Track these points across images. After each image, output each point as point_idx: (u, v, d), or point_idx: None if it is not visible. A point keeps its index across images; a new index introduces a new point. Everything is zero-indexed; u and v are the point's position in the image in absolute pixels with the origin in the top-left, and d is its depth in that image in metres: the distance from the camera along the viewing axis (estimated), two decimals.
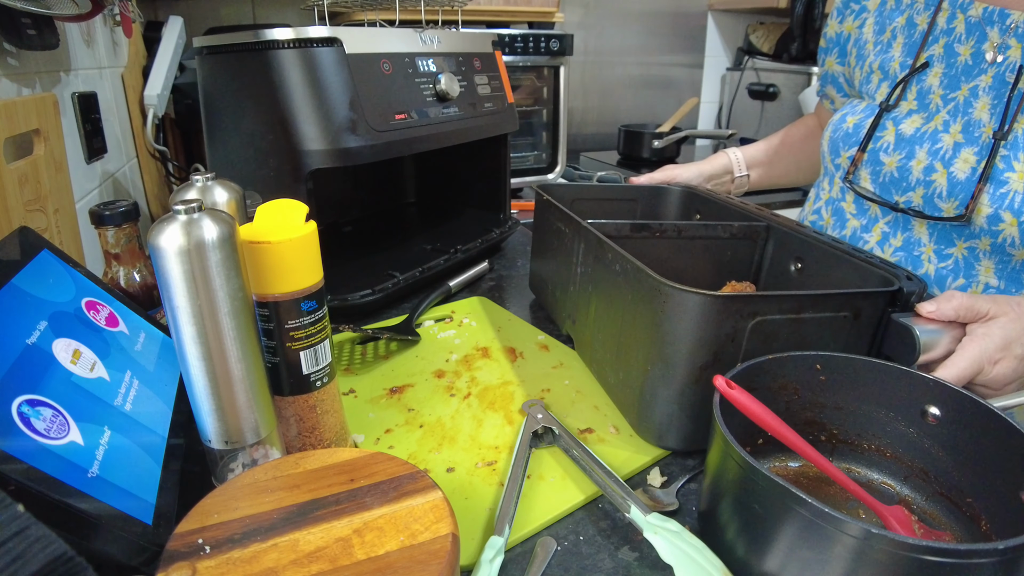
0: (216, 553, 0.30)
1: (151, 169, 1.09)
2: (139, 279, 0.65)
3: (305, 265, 0.43)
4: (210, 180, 0.48)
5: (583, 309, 0.65)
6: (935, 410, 0.45)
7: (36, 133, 0.63)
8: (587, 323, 0.64)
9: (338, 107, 0.70)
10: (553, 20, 1.61)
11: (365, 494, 0.34)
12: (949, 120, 0.68)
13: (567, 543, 0.44)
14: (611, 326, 0.58)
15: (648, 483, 0.50)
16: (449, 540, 0.31)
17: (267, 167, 0.73)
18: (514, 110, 0.99)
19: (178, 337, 0.37)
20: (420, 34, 0.83)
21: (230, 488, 0.35)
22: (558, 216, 0.71)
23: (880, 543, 0.32)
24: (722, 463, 0.40)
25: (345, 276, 0.82)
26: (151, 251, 0.36)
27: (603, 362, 0.61)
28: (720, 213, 0.80)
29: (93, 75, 0.88)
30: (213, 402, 0.39)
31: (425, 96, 0.81)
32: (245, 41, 0.71)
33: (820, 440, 0.51)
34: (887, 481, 0.49)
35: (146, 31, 1.18)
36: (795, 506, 0.34)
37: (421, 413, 0.59)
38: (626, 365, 0.55)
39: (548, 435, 0.54)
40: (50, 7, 0.62)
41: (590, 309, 0.63)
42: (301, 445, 0.47)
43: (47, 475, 0.32)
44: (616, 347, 0.57)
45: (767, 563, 0.37)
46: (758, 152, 1.00)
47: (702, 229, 0.71)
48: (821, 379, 0.49)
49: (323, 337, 0.46)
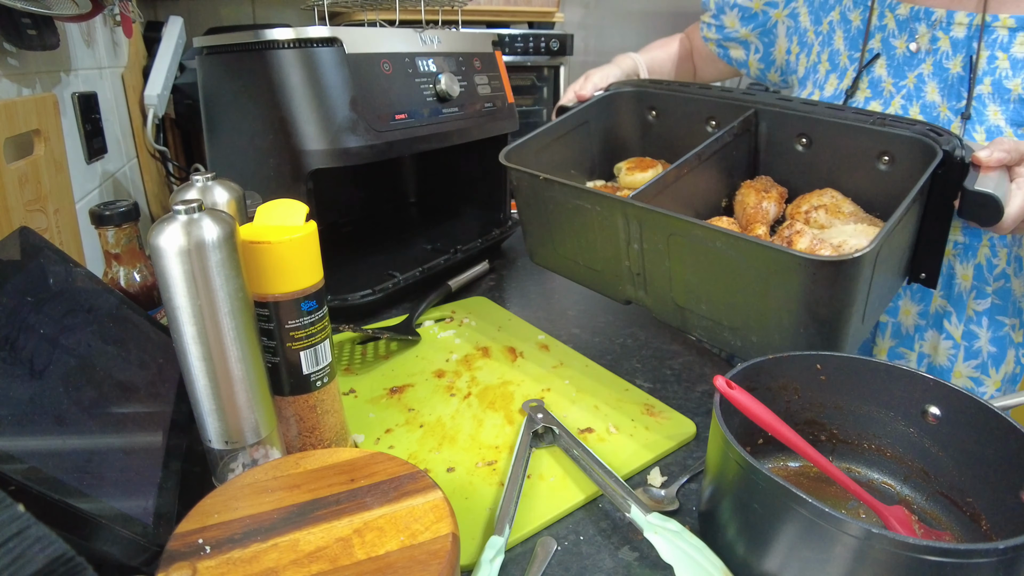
0: (216, 553, 0.30)
1: (151, 169, 1.09)
2: (139, 279, 0.65)
3: (305, 265, 0.43)
4: (210, 180, 0.48)
5: (659, 280, 0.60)
6: (935, 410, 0.45)
7: (36, 133, 0.63)
8: (671, 291, 0.59)
9: (338, 107, 0.70)
10: (553, 20, 1.61)
11: (365, 494, 0.34)
12: (907, 104, 0.72)
13: (567, 543, 0.44)
14: (725, 295, 0.54)
15: (648, 483, 0.50)
16: (449, 540, 0.31)
17: (267, 167, 0.73)
18: (514, 110, 0.99)
19: (178, 337, 0.38)
20: (420, 34, 0.83)
21: (230, 488, 0.35)
22: (569, 194, 0.63)
23: (880, 543, 0.32)
24: (722, 463, 0.40)
25: (345, 276, 0.82)
26: (151, 251, 0.36)
27: (718, 328, 0.57)
28: (682, 107, 0.76)
29: (93, 75, 0.88)
30: (213, 402, 0.39)
31: (425, 96, 0.81)
32: (245, 41, 0.71)
33: (820, 440, 0.51)
34: (887, 481, 0.49)
35: (146, 31, 1.18)
36: (795, 506, 0.34)
37: (421, 413, 0.59)
38: (763, 329, 0.53)
39: (548, 435, 0.54)
40: (50, 7, 0.62)
41: (673, 279, 0.59)
42: (301, 445, 0.47)
43: (47, 475, 0.32)
44: (744, 315, 0.54)
45: (767, 563, 0.37)
46: (657, 61, 1.00)
47: (715, 144, 0.67)
48: (821, 379, 0.49)
49: (323, 337, 0.46)
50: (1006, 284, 0.71)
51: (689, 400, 0.62)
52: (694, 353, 0.71)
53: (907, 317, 0.74)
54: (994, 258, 0.70)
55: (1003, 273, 0.71)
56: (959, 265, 0.71)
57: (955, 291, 0.72)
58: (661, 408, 0.59)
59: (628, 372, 0.66)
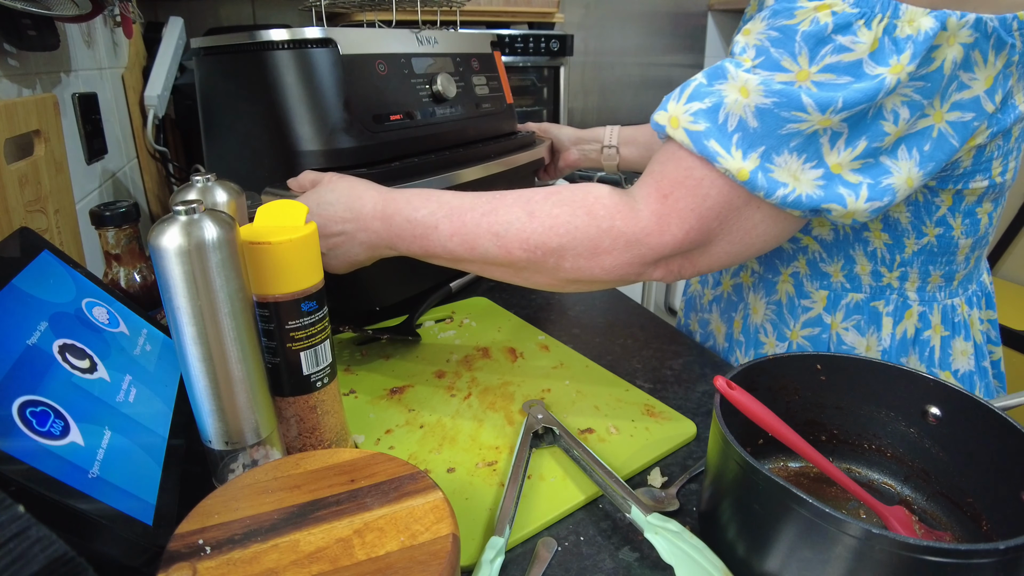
0: (217, 554, 0.30)
1: (151, 170, 1.09)
2: (139, 280, 0.65)
3: (305, 265, 0.43)
4: (210, 181, 0.48)
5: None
6: (935, 410, 0.45)
7: (36, 134, 0.63)
8: None
9: (332, 108, 0.70)
10: (553, 20, 1.61)
11: (365, 494, 0.34)
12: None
13: (568, 543, 0.44)
14: None
15: (648, 483, 0.50)
16: (450, 540, 0.31)
17: (263, 168, 0.73)
18: (513, 111, 0.99)
19: (178, 338, 0.38)
20: (417, 35, 0.83)
21: (230, 489, 0.35)
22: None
23: (881, 543, 0.32)
24: (722, 463, 0.40)
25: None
26: (152, 252, 0.36)
27: None
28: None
29: (93, 76, 0.88)
30: (213, 403, 0.39)
31: (421, 97, 0.81)
32: (240, 42, 0.71)
33: (820, 440, 0.51)
34: (887, 481, 0.49)
35: (146, 32, 1.18)
36: (795, 506, 0.34)
37: (421, 413, 0.59)
38: None
39: (548, 435, 0.54)
40: (50, 8, 0.62)
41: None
42: (301, 446, 0.47)
43: (48, 476, 0.32)
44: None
45: (768, 563, 0.37)
46: (637, 132, 0.98)
47: None
48: (821, 379, 0.49)
49: (324, 337, 0.46)
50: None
51: (689, 400, 0.62)
52: (694, 353, 0.71)
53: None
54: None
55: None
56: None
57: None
58: (661, 408, 0.59)
59: (628, 372, 0.66)
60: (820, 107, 0.43)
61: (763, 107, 0.44)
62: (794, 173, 0.46)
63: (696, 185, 0.47)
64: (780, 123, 0.44)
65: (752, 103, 0.45)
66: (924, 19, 0.43)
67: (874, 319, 0.62)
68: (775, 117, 0.44)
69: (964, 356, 0.63)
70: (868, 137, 0.45)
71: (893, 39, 0.43)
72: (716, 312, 0.75)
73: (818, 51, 0.44)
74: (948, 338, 0.62)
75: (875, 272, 0.60)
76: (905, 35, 0.43)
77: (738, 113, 0.45)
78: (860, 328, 0.62)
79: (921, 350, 0.62)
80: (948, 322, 0.62)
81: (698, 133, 0.46)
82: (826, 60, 0.44)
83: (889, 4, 0.43)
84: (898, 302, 0.61)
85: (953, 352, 0.63)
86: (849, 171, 0.46)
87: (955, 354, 0.63)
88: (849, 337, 0.63)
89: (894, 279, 0.60)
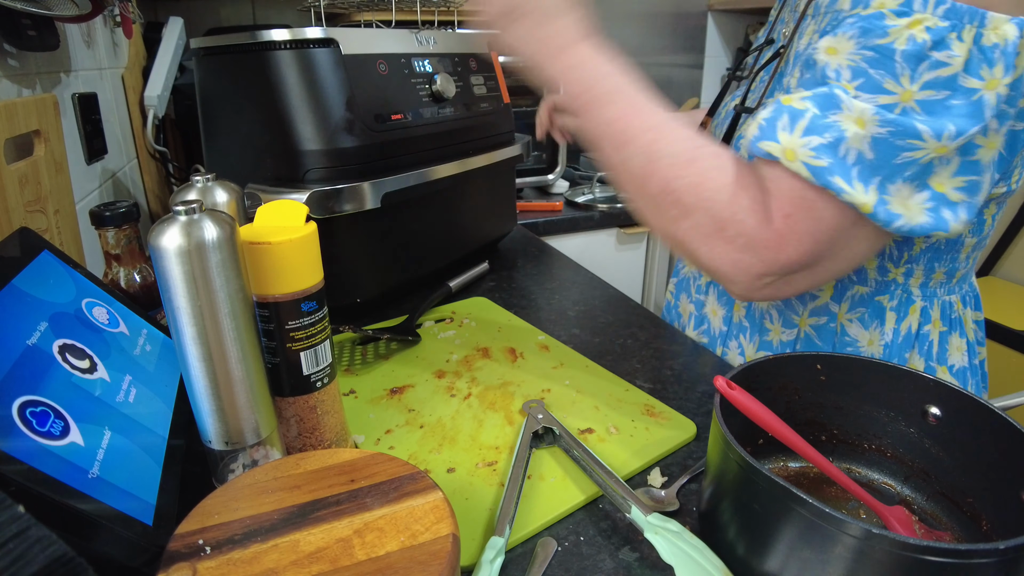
0: (216, 554, 0.30)
1: (151, 170, 1.09)
2: (139, 280, 0.65)
3: (305, 265, 0.43)
4: (210, 181, 0.48)
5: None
6: (935, 410, 0.45)
7: (36, 134, 0.63)
8: None
9: (334, 108, 0.70)
10: None
11: (365, 495, 0.34)
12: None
13: (568, 543, 0.44)
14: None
15: (648, 483, 0.50)
16: (450, 540, 0.31)
17: (264, 167, 0.73)
18: (510, 110, 0.99)
19: (178, 338, 0.38)
20: (416, 35, 0.83)
21: (230, 489, 0.35)
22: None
23: (881, 543, 0.32)
24: (722, 463, 0.40)
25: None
26: (152, 252, 0.36)
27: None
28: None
29: (93, 76, 0.88)
30: (213, 403, 0.39)
31: (421, 97, 0.81)
32: (241, 42, 0.71)
33: (820, 440, 0.51)
34: (887, 481, 0.49)
35: (146, 32, 1.18)
36: (795, 506, 0.34)
37: (421, 413, 0.59)
38: None
39: (548, 435, 0.54)
40: (50, 8, 0.62)
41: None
42: (301, 446, 0.47)
43: (48, 476, 0.32)
44: None
45: (768, 563, 0.37)
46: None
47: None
48: (821, 379, 0.49)
49: (323, 337, 0.46)
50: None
51: (689, 400, 0.62)
52: (694, 353, 0.71)
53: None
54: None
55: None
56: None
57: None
58: (661, 408, 0.59)
59: (628, 372, 0.66)
60: (935, 135, 0.43)
61: (879, 137, 0.44)
62: (904, 200, 0.45)
63: (811, 208, 0.47)
64: (895, 152, 0.44)
65: (868, 134, 0.44)
66: (1007, 26, 0.43)
67: (878, 313, 0.62)
68: (890, 147, 0.44)
69: (959, 352, 0.64)
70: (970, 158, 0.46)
71: (980, 47, 0.43)
72: (713, 295, 0.75)
73: (918, 69, 0.44)
74: (946, 334, 0.63)
75: (881, 267, 0.61)
76: (991, 43, 0.43)
77: (857, 147, 0.45)
78: (864, 321, 0.62)
79: (921, 344, 0.62)
80: (946, 318, 0.62)
81: (821, 169, 0.45)
82: (925, 77, 0.44)
83: (976, 13, 0.43)
84: (902, 297, 0.61)
85: (950, 348, 0.63)
86: (952, 189, 0.46)
87: (951, 350, 0.63)
88: (853, 330, 0.63)
89: (899, 275, 0.61)
